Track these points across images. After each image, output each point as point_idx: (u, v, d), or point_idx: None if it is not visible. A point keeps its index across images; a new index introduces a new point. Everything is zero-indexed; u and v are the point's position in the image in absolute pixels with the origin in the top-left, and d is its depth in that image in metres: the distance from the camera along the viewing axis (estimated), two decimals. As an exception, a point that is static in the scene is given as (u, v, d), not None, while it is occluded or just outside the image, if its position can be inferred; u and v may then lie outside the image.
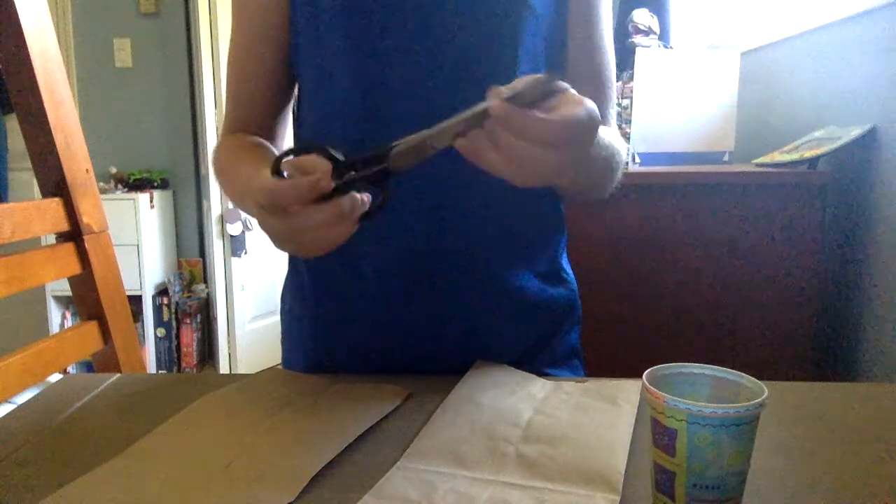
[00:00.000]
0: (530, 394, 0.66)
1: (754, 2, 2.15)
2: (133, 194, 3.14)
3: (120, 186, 3.29)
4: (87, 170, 1.21)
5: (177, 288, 3.35)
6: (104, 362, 1.23)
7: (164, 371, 3.28)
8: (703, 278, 1.51)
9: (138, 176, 3.32)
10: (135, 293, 3.10)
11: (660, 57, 1.76)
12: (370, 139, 0.54)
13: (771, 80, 1.92)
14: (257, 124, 0.81)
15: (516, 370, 0.72)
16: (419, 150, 0.52)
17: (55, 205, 1.15)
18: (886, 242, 1.38)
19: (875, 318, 1.42)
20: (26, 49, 1.07)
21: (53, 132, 1.12)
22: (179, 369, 3.27)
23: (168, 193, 3.43)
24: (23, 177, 3.24)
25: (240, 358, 3.18)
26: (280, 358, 0.89)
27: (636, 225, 1.52)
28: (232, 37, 0.80)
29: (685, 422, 0.43)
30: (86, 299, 1.21)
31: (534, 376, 0.71)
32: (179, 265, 3.51)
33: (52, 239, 1.19)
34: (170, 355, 3.28)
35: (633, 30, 2.04)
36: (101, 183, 3.24)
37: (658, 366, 0.49)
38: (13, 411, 0.67)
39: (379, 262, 0.74)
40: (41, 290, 3.13)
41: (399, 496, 0.48)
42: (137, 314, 3.16)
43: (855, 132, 1.41)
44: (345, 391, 0.68)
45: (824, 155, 1.43)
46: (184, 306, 3.26)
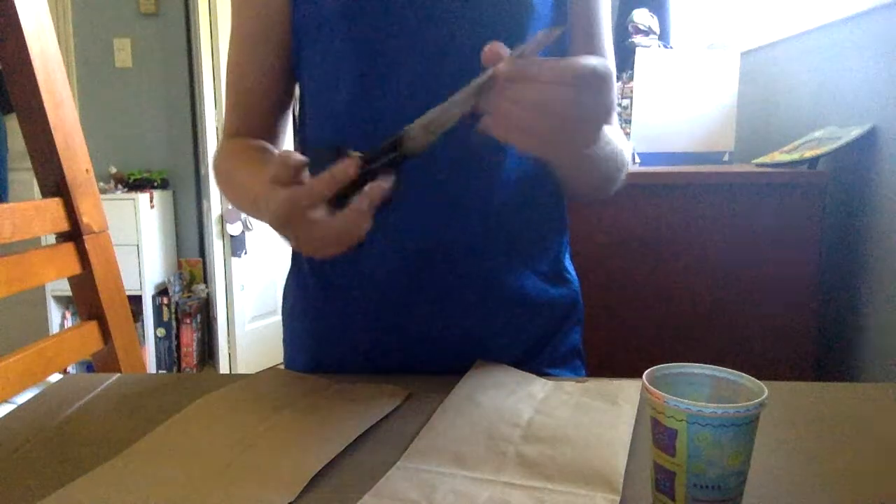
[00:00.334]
0: (530, 394, 0.66)
1: (754, 2, 2.15)
2: (133, 194, 3.14)
3: (120, 186, 3.29)
4: (87, 170, 1.21)
5: (177, 288, 3.35)
6: (104, 362, 1.23)
7: (164, 371, 3.28)
8: (703, 278, 1.51)
9: (138, 176, 3.32)
10: (135, 293, 3.10)
11: (660, 57, 1.76)
12: (373, 139, 0.54)
13: (771, 80, 1.92)
14: (258, 125, 0.81)
15: (516, 370, 0.72)
16: (431, 130, 0.52)
17: (55, 205, 1.15)
18: (886, 242, 1.38)
19: (875, 318, 1.42)
20: (26, 49, 1.07)
21: (53, 132, 1.12)
22: (179, 369, 3.27)
23: (168, 193, 3.43)
24: (23, 177, 3.25)
25: (240, 358, 3.18)
26: (280, 358, 0.89)
27: (636, 225, 1.52)
28: (231, 38, 0.79)
29: (685, 422, 0.43)
30: (86, 299, 1.21)
31: (534, 376, 0.71)
32: (179, 265, 3.51)
33: (52, 239, 1.19)
34: (170, 355, 3.28)
35: (633, 30, 2.04)
36: (101, 183, 3.24)
37: (658, 366, 0.49)
38: (13, 411, 0.67)
39: (381, 262, 0.74)
40: (41, 290, 3.13)
41: (399, 496, 0.48)
42: (137, 314, 3.16)
43: (855, 132, 1.41)
44: (345, 391, 0.68)
45: (824, 155, 1.43)
46: (184, 306, 3.26)
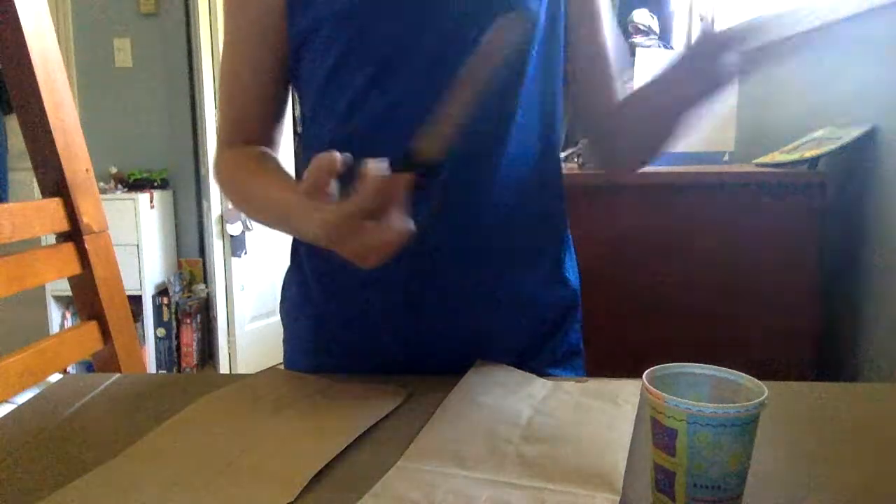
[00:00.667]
0: (530, 394, 0.66)
1: (754, 2, 2.15)
2: (133, 194, 3.14)
3: (120, 186, 3.29)
4: (87, 170, 1.21)
5: (177, 288, 3.35)
6: (104, 362, 1.23)
7: (164, 371, 3.28)
8: (703, 278, 1.51)
9: (138, 176, 3.32)
10: (135, 293, 3.09)
11: (660, 57, 1.76)
12: (377, 137, 0.55)
13: (771, 80, 1.92)
14: (254, 132, 0.80)
15: (516, 370, 0.72)
16: (443, 133, 0.52)
17: (55, 205, 1.15)
18: (886, 242, 1.37)
19: (875, 318, 1.42)
20: (26, 49, 1.07)
21: (53, 132, 1.12)
22: (179, 369, 3.27)
23: (168, 193, 3.43)
24: (23, 177, 3.25)
25: (240, 358, 3.18)
26: (280, 358, 0.89)
27: (636, 225, 1.52)
28: (225, 45, 0.78)
29: (685, 422, 0.43)
30: (86, 299, 1.21)
31: (534, 376, 0.71)
32: (179, 265, 3.51)
33: (52, 239, 1.19)
34: (170, 355, 3.28)
35: (633, 30, 2.04)
36: (101, 183, 3.24)
37: (658, 366, 0.49)
38: (13, 411, 0.67)
39: (383, 264, 0.74)
40: (41, 290, 3.13)
41: (399, 496, 0.48)
42: (137, 314, 3.16)
43: (855, 132, 1.41)
44: (345, 391, 0.68)
45: (824, 155, 1.43)
46: (184, 306, 3.26)
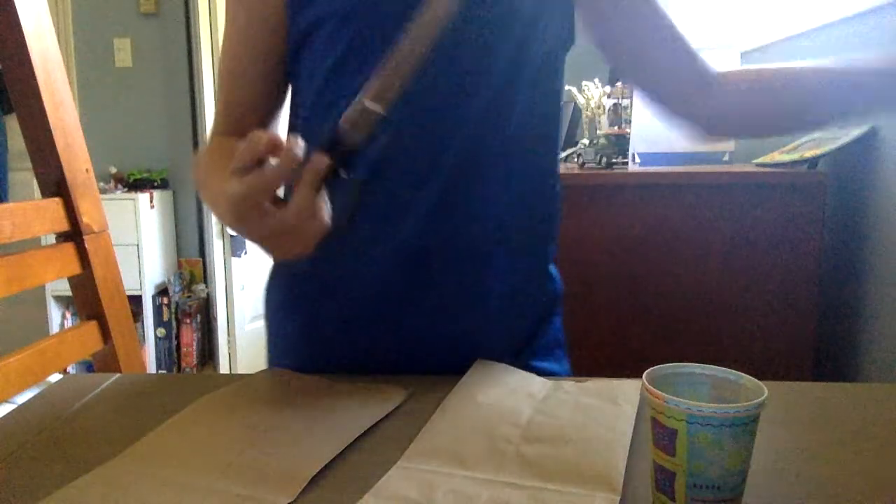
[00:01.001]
0: (530, 393, 0.66)
1: (754, 2, 2.15)
2: (133, 194, 3.14)
3: (120, 186, 3.30)
4: (87, 170, 1.21)
5: (177, 288, 3.35)
6: (104, 362, 1.23)
7: (164, 371, 3.28)
8: (703, 278, 1.51)
9: (138, 176, 3.32)
10: (135, 293, 3.10)
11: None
12: (377, 142, 0.54)
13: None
14: (250, 127, 0.79)
15: (516, 370, 0.72)
16: (362, 117, 0.50)
17: (55, 205, 1.15)
18: (886, 242, 1.38)
19: (875, 318, 1.42)
20: (26, 49, 1.07)
21: (53, 132, 1.12)
22: (179, 369, 3.27)
23: (168, 193, 3.43)
24: (23, 177, 3.25)
25: (240, 358, 3.18)
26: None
27: (636, 225, 1.52)
28: (224, 43, 0.78)
29: (685, 422, 0.43)
30: (86, 299, 1.21)
31: (534, 376, 0.71)
32: (179, 265, 3.51)
33: (52, 239, 1.20)
34: (170, 355, 3.28)
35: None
36: (101, 183, 3.24)
37: (658, 366, 0.49)
38: (13, 411, 0.67)
39: (376, 262, 0.74)
40: (41, 290, 3.13)
41: (399, 496, 0.48)
42: (137, 314, 3.16)
43: (855, 132, 1.41)
44: (345, 391, 0.68)
45: (824, 155, 1.43)
46: (184, 306, 3.26)
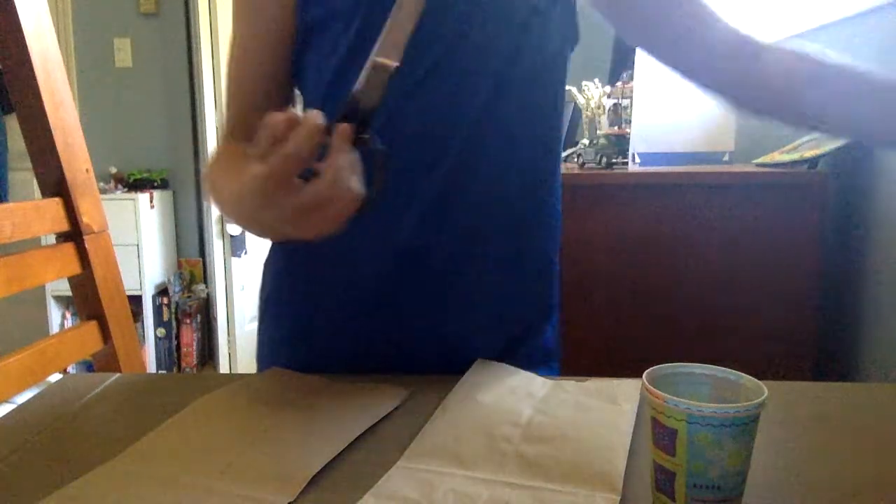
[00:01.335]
0: (530, 393, 0.66)
1: (754, 2, 2.15)
2: (133, 194, 3.14)
3: (120, 186, 3.30)
4: (87, 170, 1.21)
5: (177, 288, 3.35)
6: (104, 362, 1.23)
7: (164, 371, 3.28)
8: (703, 278, 1.51)
9: (138, 176, 3.32)
10: (135, 293, 3.10)
11: (660, 57, 1.75)
12: (384, 130, 0.54)
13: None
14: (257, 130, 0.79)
15: (516, 370, 0.72)
16: (376, 76, 0.50)
17: (55, 205, 1.15)
18: (886, 242, 1.37)
19: (875, 318, 1.42)
20: (26, 49, 1.07)
21: (53, 132, 1.12)
22: (179, 369, 3.27)
23: (168, 193, 3.43)
24: (23, 177, 3.25)
25: (240, 358, 3.18)
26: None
27: (636, 225, 1.52)
28: (232, 43, 0.78)
29: (685, 422, 0.43)
30: (86, 299, 1.21)
31: (534, 375, 0.71)
32: (179, 265, 3.51)
33: (52, 239, 1.20)
34: (170, 355, 3.28)
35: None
36: (101, 183, 3.24)
37: (658, 366, 0.49)
38: (13, 411, 0.67)
39: (371, 260, 0.74)
40: (41, 290, 3.13)
41: (399, 496, 0.48)
42: (137, 314, 3.16)
43: (855, 132, 1.40)
44: (345, 391, 0.68)
45: (824, 155, 1.43)
46: (184, 306, 3.26)
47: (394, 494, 0.49)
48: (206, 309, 3.39)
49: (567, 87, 0.80)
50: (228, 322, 3.16)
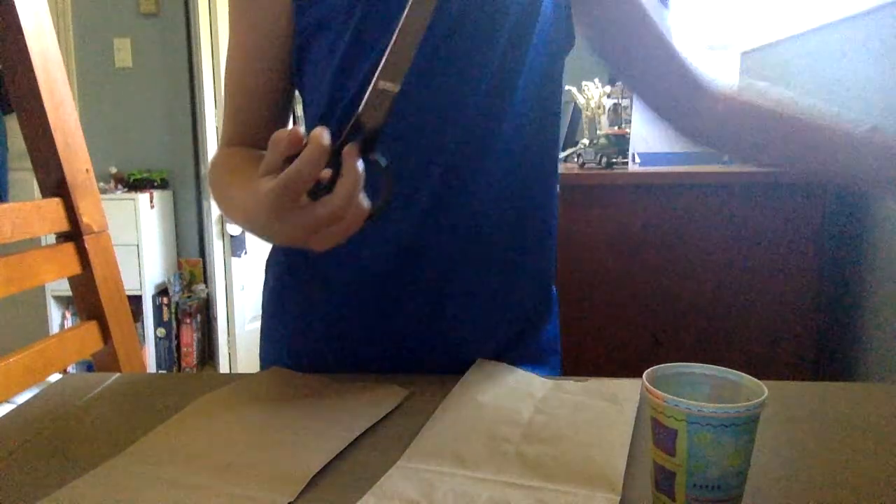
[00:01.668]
0: (530, 393, 0.66)
1: (754, 2, 2.15)
2: (133, 194, 3.14)
3: (120, 186, 3.30)
4: (87, 170, 1.21)
5: (177, 288, 3.35)
6: (104, 362, 1.23)
7: (164, 371, 3.28)
8: (703, 278, 1.51)
9: (138, 176, 3.32)
10: (135, 293, 3.10)
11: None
12: (383, 140, 0.54)
13: (771, 80, 1.92)
14: (258, 136, 0.78)
15: (517, 369, 0.72)
16: (379, 99, 0.51)
17: (55, 205, 1.15)
18: (886, 243, 1.38)
19: (874, 318, 1.42)
20: (26, 49, 1.07)
21: (53, 132, 1.12)
22: (179, 369, 3.28)
23: (168, 193, 3.43)
24: (23, 177, 3.25)
25: (240, 358, 3.18)
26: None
27: (636, 225, 1.52)
28: (230, 48, 0.78)
29: (685, 422, 0.43)
30: (86, 299, 1.21)
31: (534, 375, 0.71)
32: (179, 265, 3.51)
33: (52, 239, 1.20)
34: (170, 355, 3.28)
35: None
36: (101, 183, 3.24)
37: (658, 366, 0.49)
38: (13, 411, 0.67)
39: (367, 260, 0.74)
40: (41, 290, 3.13)
41: (399, 496, 0.48)
42: (137, 314, 3.16)
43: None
44: (345, 391, 0.68)
45: (824, 155, 1.43)
46: (184, 306, 3.26)
47: (394, 494, 0.49)
48: (206, 309, 3.39)
49: (567, 88, 0.80)
50: (228, 322, 3.16)
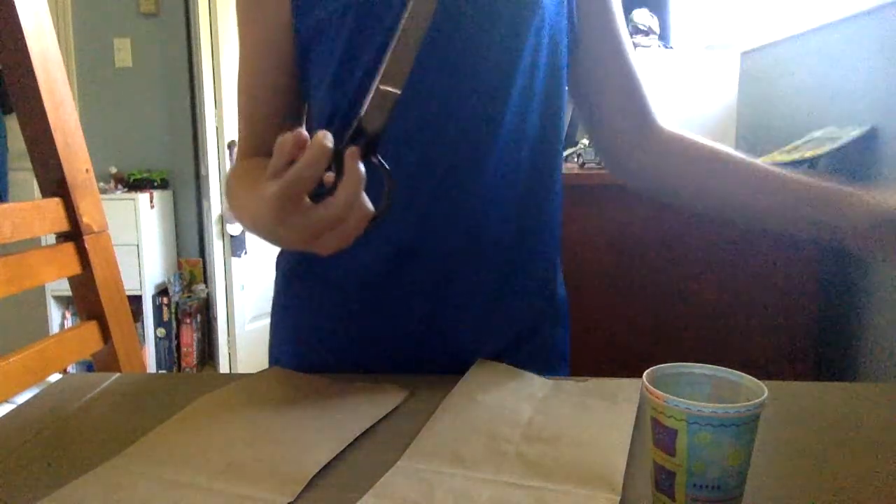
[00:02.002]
0: (530, 393, 0.66)
1: (754, 2, 2.15)
2: (133, 194, 3.14)
3: (120, 186, 3.30)
4: (87, 170, 1.21)
5: (177, 288, 3.35)
6: (104, 362, 1.23)
7: (164, 371, 3.28)
8: (703, 278, 1.51)
9: (138, 176, 3.32)
10: (135, 293, 3.10)
11: (660, 57, 1.76)
12: (387, 140, 0.54)
13: (771, 80, 1.92)
14: (272, 146, 0.79)
15: (516, 370, 0.72)
16: (380, 102, 0.51)
17: (55, 205, 1.15)
18: (886, 242, 1.37)
19: (875, 318, 1.42)
20: (26, 49, 1.07)
21: (53, 132, 1.12)
22: (179, 369, 3.28)
23: (168, 193, 3.43)
24: (23, 177, 3.24)
25: (240, 358, 3.18)
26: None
27: (636, 225, 1.52)
28: (239, 62, 0.79)
29: (685, 422, 0.43)
30: (86, 299, 1.21)
31: (534, 376, 0.71)
32: (179, 265, 3.51)
33: (52, 239, 1.19)
34: (170, 355, 3.28)
35: (633, 30, 2.04)
36: (101, 183, 3.24)
37: (658, 366, 0.49)
38: (13, 411, 0.67)
39: (367, 260, 0.74)
40: (41, 290, 3.13)
41: (399, 496, 0.48)
42: (137, 314, 3.16)
43: (854, 132, 1.41)
44: (345, 391, 0.68)
45: (824, 155, 1.43)
46: (184, 306, 3.26)
47: (394, 494, 0.49)
48: (206, 309, 3.39)
49: (567, 88, 0.80)
50: (228, 322, 3.16)
